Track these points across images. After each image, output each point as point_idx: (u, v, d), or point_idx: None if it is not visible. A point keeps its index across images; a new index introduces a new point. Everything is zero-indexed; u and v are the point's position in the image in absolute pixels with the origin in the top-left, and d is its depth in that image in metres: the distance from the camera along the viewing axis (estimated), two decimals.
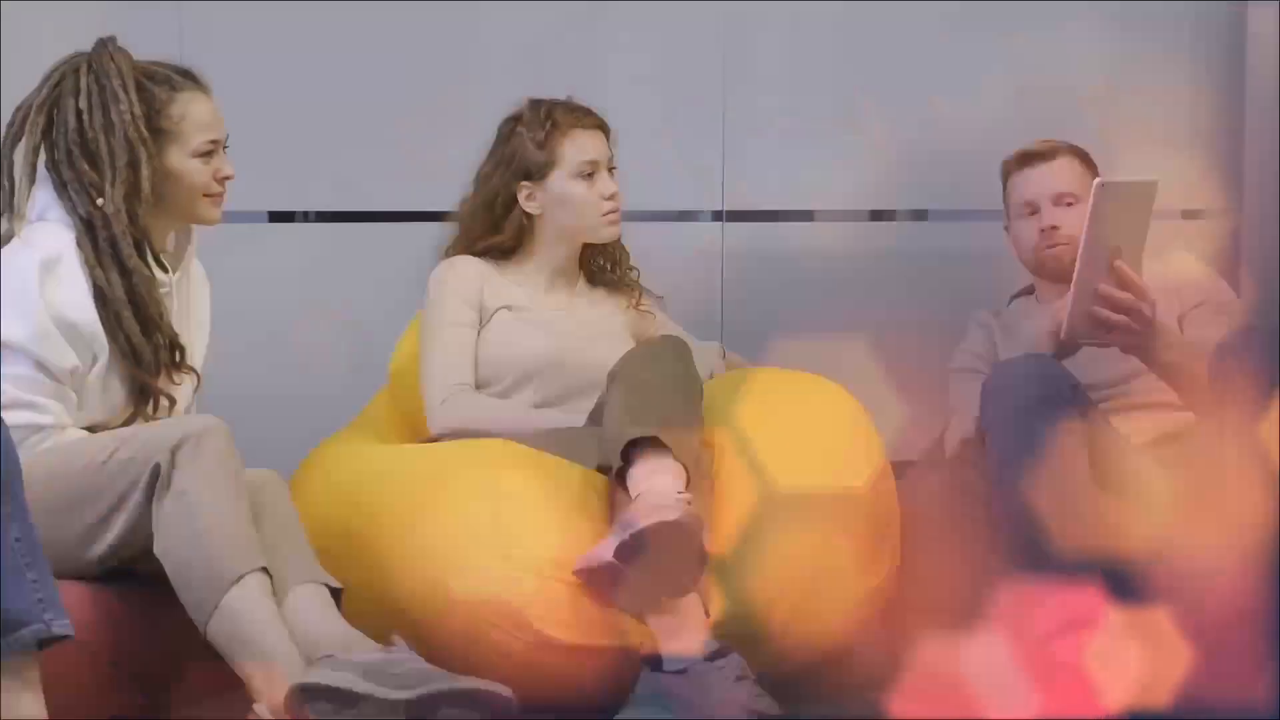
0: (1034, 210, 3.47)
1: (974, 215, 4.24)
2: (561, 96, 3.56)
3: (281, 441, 3.56)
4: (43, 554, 2.51)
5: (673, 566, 2.86)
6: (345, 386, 3.90)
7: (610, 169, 3.53)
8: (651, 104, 4.40)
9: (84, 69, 3.04)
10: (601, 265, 3.63)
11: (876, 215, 4.70)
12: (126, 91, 3.02)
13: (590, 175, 3.49)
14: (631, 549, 2.85)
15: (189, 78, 3.11)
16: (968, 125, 4.53)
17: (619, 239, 3.60)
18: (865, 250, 4.59)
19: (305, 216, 4.33)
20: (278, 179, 4.21)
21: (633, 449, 3.01)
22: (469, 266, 3.52)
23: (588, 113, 3.54)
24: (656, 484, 2.94)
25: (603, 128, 3.55)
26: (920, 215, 4.68)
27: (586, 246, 3.59)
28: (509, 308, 3.50)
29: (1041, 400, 3.03)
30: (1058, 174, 3.48)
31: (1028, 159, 3.50)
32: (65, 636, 2.51)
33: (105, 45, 3.07)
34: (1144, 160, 4.56)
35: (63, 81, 3.05)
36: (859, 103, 4.56)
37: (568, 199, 3.50)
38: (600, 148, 3.52)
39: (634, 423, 3.01)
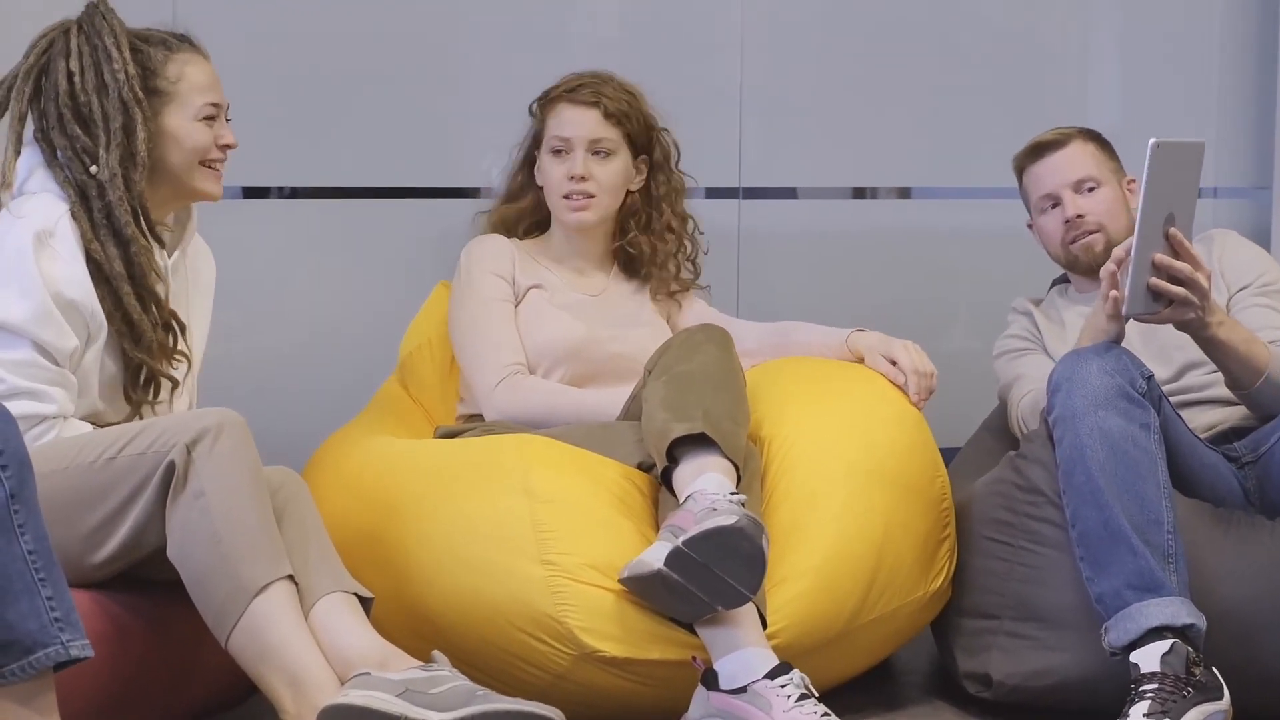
0: (1055, 202, 3.32)
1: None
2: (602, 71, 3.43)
3: (288, 433, 3.44)
4: (58, 566, 2.35)
5: (729, 574, 2.68)
6: (353, 373, 3.78)
7: (597, 152, 3.34)
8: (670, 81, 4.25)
9: (74, 30, 2.92)
10: (640, 251, 3.44)
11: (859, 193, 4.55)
12: (120, 50, 2.90)
13: (559, 152, 3.34)
14: (684, 557, 2.67)
15: (185, 41, 3.00)
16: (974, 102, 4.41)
17: (586, 226, 3.37)
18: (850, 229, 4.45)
19: (318, 193, 4.14)
20: (292, 156, 4.05)
21: (677, 446, 2.84)
22: (500, 243, 3.41)
23: (589, 88, 3.36)
24: (706, 484, 2.77)
25: (599, 106, 3.35)
26: (904, 193, 4.55)
27: (621, 231, 3.43)
28: (540, 287, 3.37)
29: (1117, 393, 2.84)
30: (1074, 160, 3.31)
31: (1040, 150, 3.35)
32: (84, 658, 2.35)
33: (96, 6, 2.94)
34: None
35: (52, 46, 2.92)
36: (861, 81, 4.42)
37: (541, 173, 3.41)
38: (582, 126, 3.33)
39: (677, 419, 2.84)
